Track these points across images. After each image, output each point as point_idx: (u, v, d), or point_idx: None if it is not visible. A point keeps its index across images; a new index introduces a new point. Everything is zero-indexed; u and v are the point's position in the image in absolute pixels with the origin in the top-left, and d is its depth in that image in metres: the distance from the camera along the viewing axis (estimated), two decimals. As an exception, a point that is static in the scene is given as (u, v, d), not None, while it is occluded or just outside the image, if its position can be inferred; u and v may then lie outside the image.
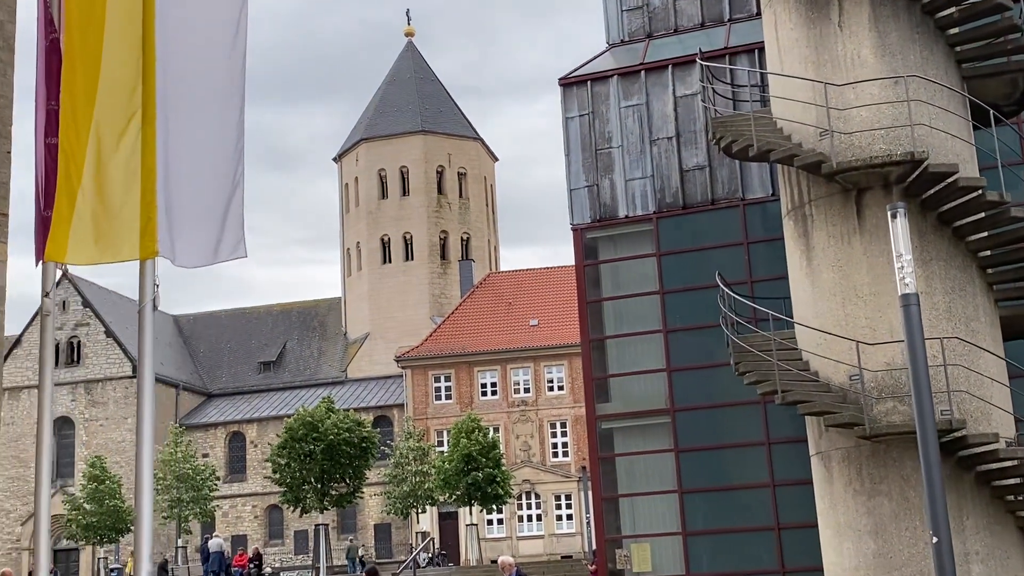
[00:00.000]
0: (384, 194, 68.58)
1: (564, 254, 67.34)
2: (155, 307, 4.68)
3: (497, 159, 74.83)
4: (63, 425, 61.43)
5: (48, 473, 4.67)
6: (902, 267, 10.61)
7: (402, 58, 74.08)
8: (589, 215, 21.93)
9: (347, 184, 70.65)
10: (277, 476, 39.10)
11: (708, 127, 16.76)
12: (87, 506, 48.15)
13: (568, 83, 22.02)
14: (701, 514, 21.37)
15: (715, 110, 17.51)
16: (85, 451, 58.14)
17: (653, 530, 21.86)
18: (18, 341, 62.92)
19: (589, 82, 21.92)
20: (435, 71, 74.47)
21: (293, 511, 42.76)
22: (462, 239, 68.59)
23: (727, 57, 20.91)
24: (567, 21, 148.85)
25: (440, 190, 68.57)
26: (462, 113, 72.83)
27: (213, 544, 40.44)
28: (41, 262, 4.57)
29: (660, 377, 21.40)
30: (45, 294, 4.75)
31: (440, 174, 68.86)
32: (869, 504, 14.39)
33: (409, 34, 75.16)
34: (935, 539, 9.80)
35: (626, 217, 21.78)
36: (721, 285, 16.93)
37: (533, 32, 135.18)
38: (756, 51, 20.39)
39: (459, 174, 69.53)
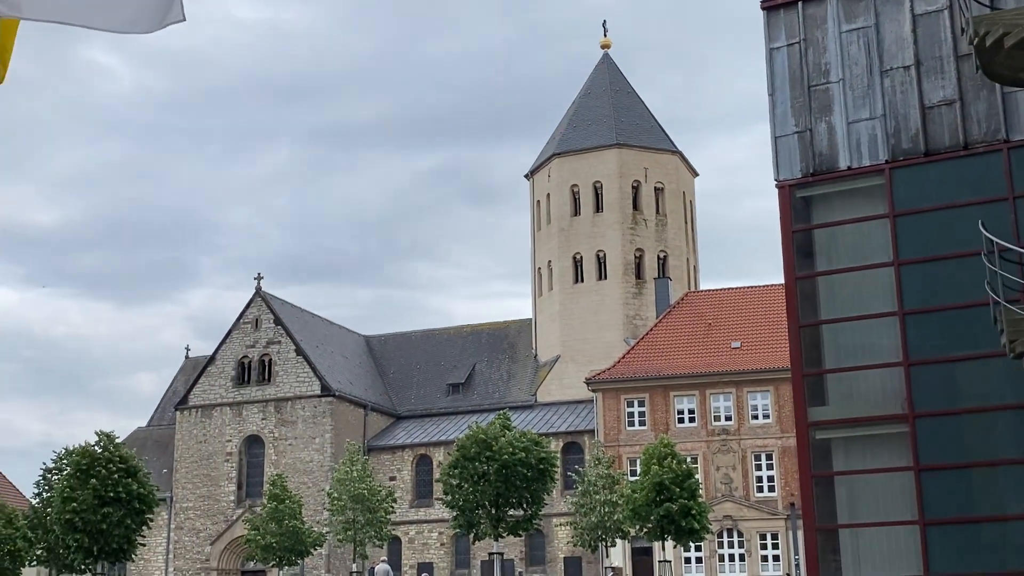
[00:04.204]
0: (577, 210, 65.62)
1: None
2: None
3: (697, 174, 70.40)
4: (252, 443, 61.11)
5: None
6: None
7: (597, 71, 71.04)
8: (800, 168, 17.49)
9: (539, 201, 68.07)
10: (449, 498, 36.06)
11: (967, 25, 12.37)
12: (270, 525, 46.64)
13: (773, 7, 17.75)
14: (949, 553, 16.56)
15: (970, 8, 13.09)
16: (273, 470, 57.29)
17: (884, 573, 17.19)
18: (212, 359, 63.22)
19: (800, 3, 17.60)
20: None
21: (468, 536, 39.77)
22: (658, 257, 64.63)
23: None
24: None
25: (635, 206, 65.02)
26: (660, 126, 68.99)
27: (379, 570, 37.88)
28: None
29: (895, 373, 16.72)
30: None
31: (636, 189, 65.25)
32: None
33: (605, 46, 72.03)
34: None
35: (849, 169, 17.27)
36: (988, 237, 12.45)
37: (741, 61, 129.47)
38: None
39: (656, 189, 65.73)
